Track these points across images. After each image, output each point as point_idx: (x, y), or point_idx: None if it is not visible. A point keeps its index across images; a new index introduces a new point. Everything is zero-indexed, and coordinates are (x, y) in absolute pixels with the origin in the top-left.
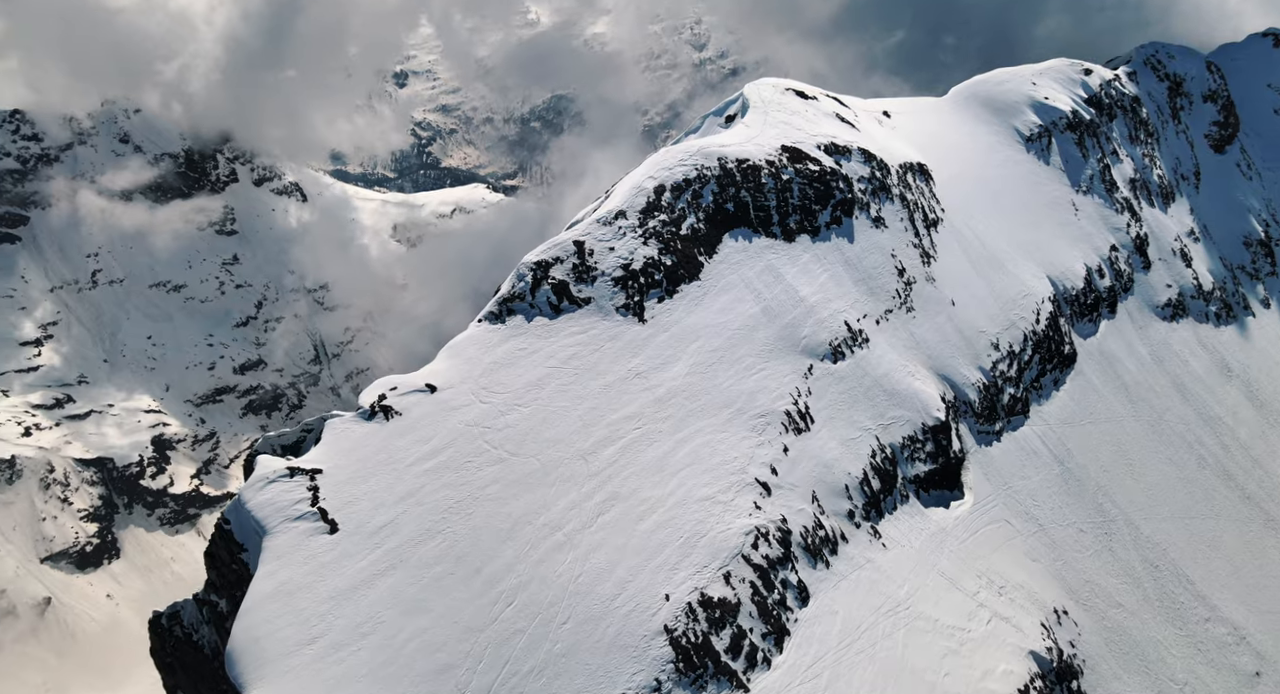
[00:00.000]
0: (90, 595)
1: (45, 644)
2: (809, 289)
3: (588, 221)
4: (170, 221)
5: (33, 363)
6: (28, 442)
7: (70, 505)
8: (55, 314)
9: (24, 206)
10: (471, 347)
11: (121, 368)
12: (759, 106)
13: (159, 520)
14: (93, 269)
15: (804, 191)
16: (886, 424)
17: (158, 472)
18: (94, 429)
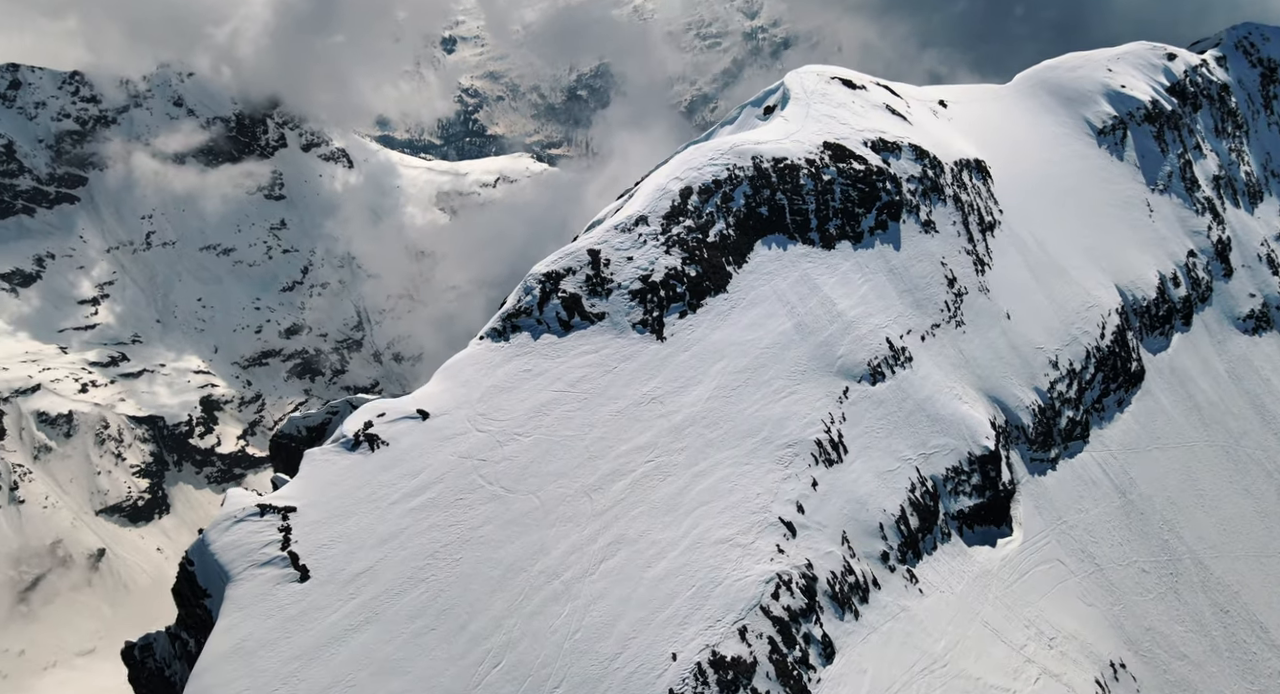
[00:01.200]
0: (141, 548)
1: (99, 593)
2: (848, 302)
3: (605, 227)
4: (220, 185)
5: (90, 321)
6: (84, 398)
7: (123, 461)
8: (111, 274)
9: (83, 168)
10: (470, 367)
11: (173, 328)
12: (800, 98)
13: (206, 479)
14: (147, 231)
15: (847, 193)
16: (928, 454)
17: (206, 431)
18: (146, 388)
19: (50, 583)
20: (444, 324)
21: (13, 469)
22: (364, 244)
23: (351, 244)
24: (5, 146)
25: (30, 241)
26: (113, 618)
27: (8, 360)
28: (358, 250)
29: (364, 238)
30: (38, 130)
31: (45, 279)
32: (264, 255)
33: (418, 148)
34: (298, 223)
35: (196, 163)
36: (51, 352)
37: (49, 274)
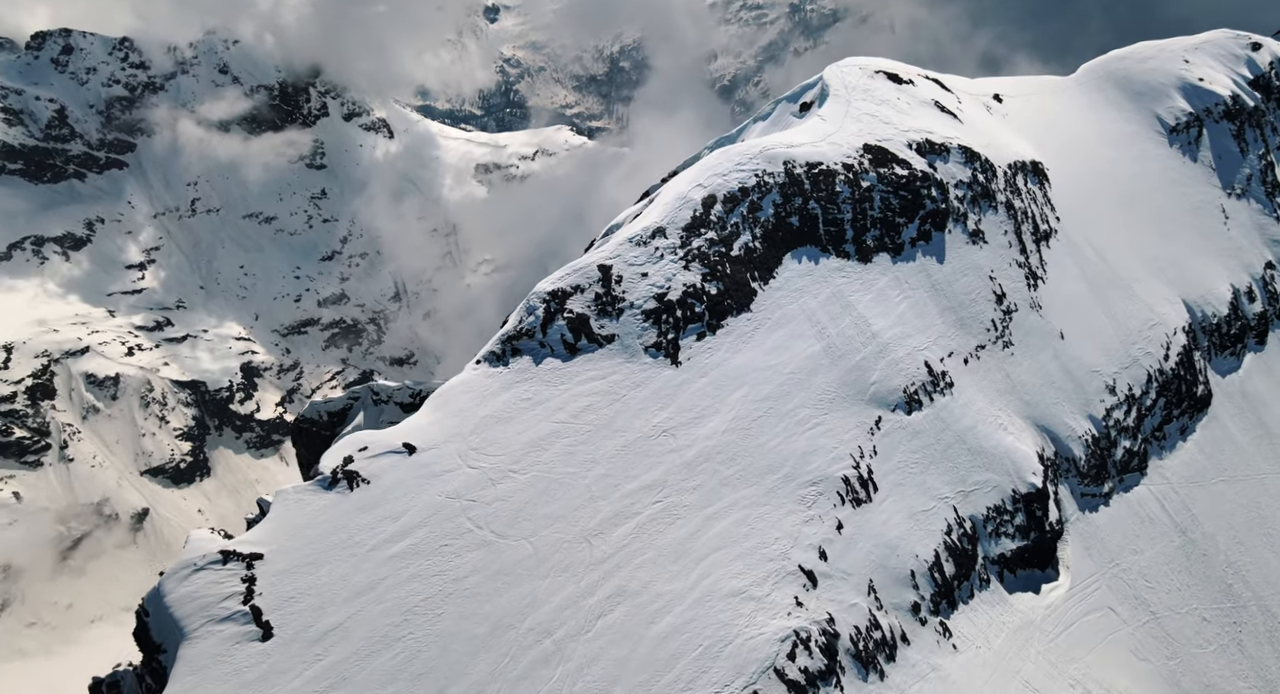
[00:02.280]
0: (183, 509)
1: (142, 552)
2: (884, 321)
3: (618, 240)
4: (263, 153)
5: (137, 286)
6: (130, 361)
7: (167, 424)
8: (157, 240)
9: (131, 134)
10: (464, 395)
11: (215, 295)
12: (840, 94)
13: (246, 444)
14: (192, 197)
15: (887, 201)
16: (968, 491)
17: (245, 397)
18: (189, 353)
19: (96, 540)
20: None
21: (63, 428)
22: (402, 215)
23: (389, 215)
24: (58, 112)
25: (81, 206)
26: (154, 576)
27: (58, 322)
28: (395, 221)
29: (402, 209)
30: (88, 96)
31: (95, 243)
32: (304, 224)
33: (458, 118)
34: (338, 193)
35: (240, 130)
36: (100, 315)
37: (98, 238)
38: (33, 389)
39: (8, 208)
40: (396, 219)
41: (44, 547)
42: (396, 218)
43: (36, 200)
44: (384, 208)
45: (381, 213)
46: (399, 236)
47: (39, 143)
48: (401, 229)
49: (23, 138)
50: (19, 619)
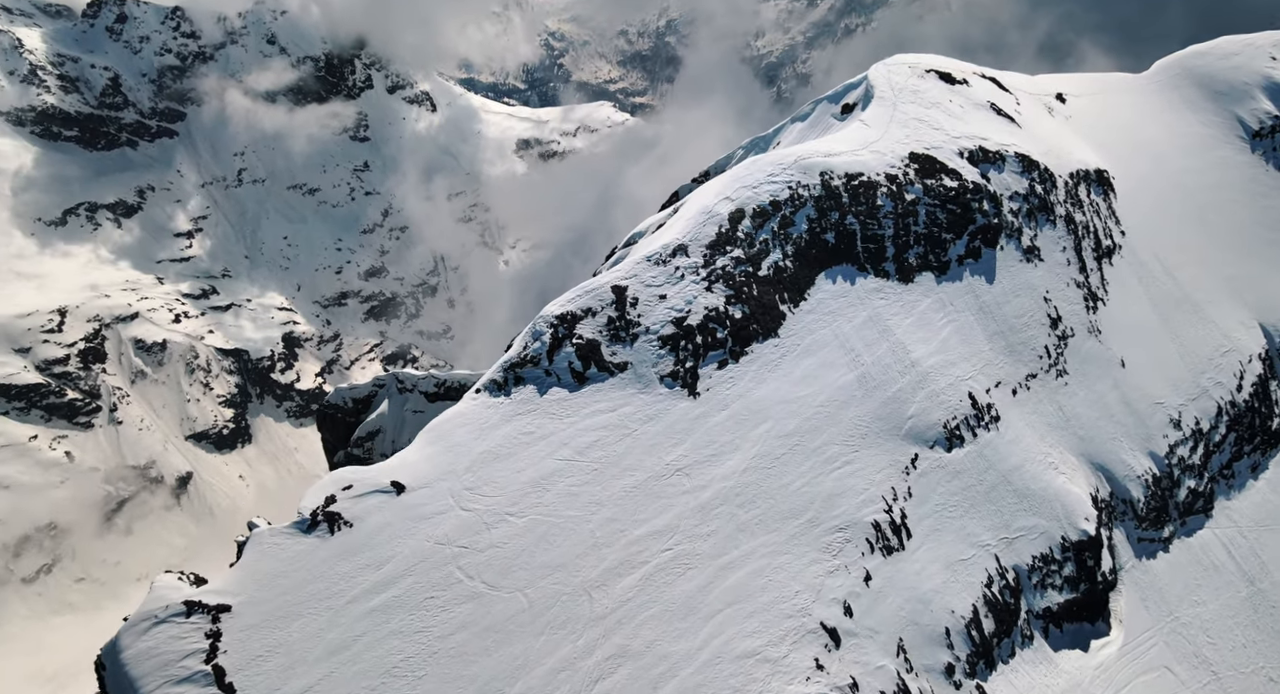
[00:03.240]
0: (225, 475)
1: (186, 514)
2: (925, 348)
3: (635, 258)
4: (307, 125)
5: (184, 254)
6: (177, 328)
7: (211, 390)
8: (205, 208)
9: (182, 103)
10: (461, 428)
11: (259, 265)
12: (886, 96)
13: (286, 413)
14: (238, 168)
15: (933, 216)
16: (1012, 538)
17: (286, 367)
18: (233, 321)
19: (143, 501)
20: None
21: (112, 391)
22: (441, 190)
23: (429, 190)
24: (112, 80)
25: (133, 174)
26: (198, 537)
27: (110, 288)
28: (434, 196)
29: (441, 184)
30: (141, 64)
31: (145, 211)
32: (347, 196)
33: (501, 92)
34: (380, 165)
35: (286, 101)
36: (149, 281)
37: (149, 206)
38: (85, 352)
39: (63, 174)
40: (435, 194)
41: (92, 506)
42: (435, 192)
43: (91, 167)
44: (424, 182)
45: (421, 187)
46: (437, 211)
47: (94, 110)
48: (440, 204)
49: (78, 105)
50: (69, 574)
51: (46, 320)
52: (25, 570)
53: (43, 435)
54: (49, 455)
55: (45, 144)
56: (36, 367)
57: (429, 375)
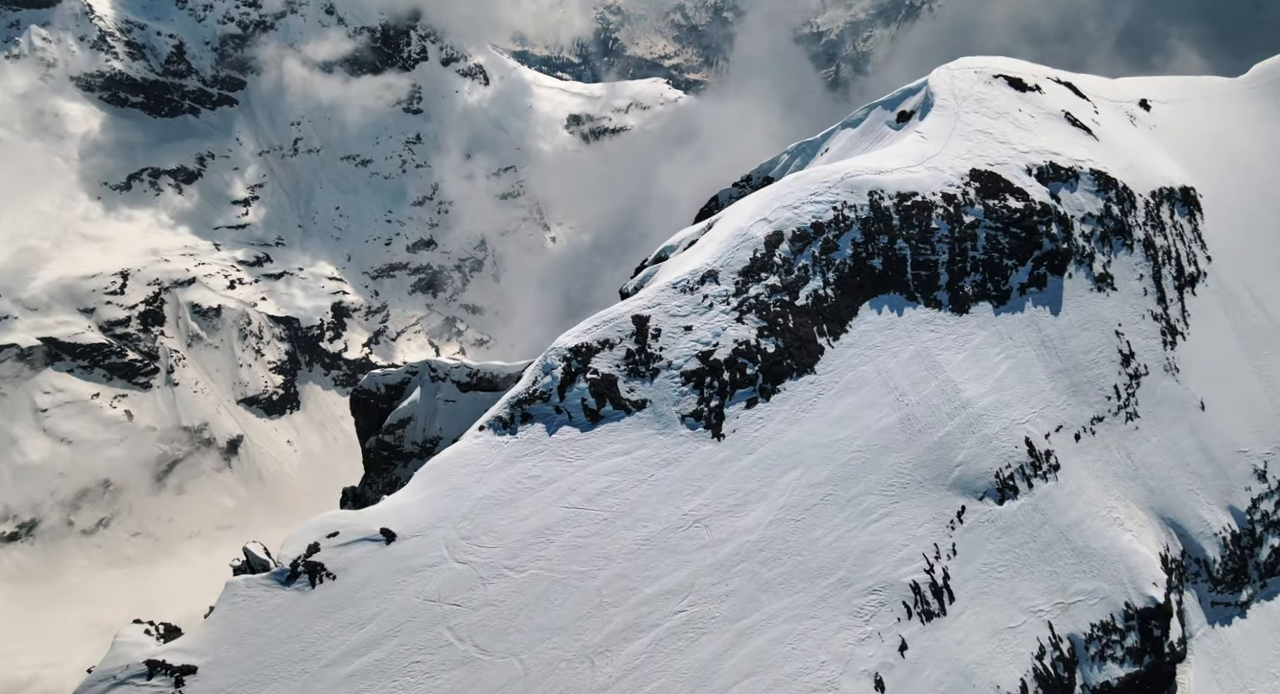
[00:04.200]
0: (274, 440)
1: (236, 476)
2: (978, 387)
3: (658, 286)
4: (362, 96)
5: (240, 221)
6: (232, 294)
7: (262, 356)
8: (261, 177)
9: (242, 71)
10: (461, 469)
11: (312, 234)
12: (947, 105)
13: (333, 381)
14: (294, 137)
15: (994, 240)
16: (1068, 603)
17: (335, 336)
18: (285, 289)
19: (195, 461)
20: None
21: (170, 354)
22: (493, 165)
23: (481, 164)
24: (177, 47)
25: (194, 141)
26: (246, 499)
27: (169, 252)
28: (486, 170)
29: (493, 159)
30: (205, 33)
31: (205, 177)
32: (398, 168)
33: (555, 66)
34: (432, 138)
35: (342, 72)
36: (206, 247)
37: (208, 173)
38: (145, 315)
39: (129, 140)
40: (484, 169)
41: (147, 465)
42: (484, 167)
43: (154, 133)
44: (473, 157)
45: (470, 162)
46: (485, 186)
47: (158, 77)
48: (488, 179)
49: (144, 71)
50: (126, 528)
51: (110, 282)
52: (85, 523)
53: (104, 394)
54: (109, 413)
55: (112, 109)
56: (100, 327)
57: (462, 365)
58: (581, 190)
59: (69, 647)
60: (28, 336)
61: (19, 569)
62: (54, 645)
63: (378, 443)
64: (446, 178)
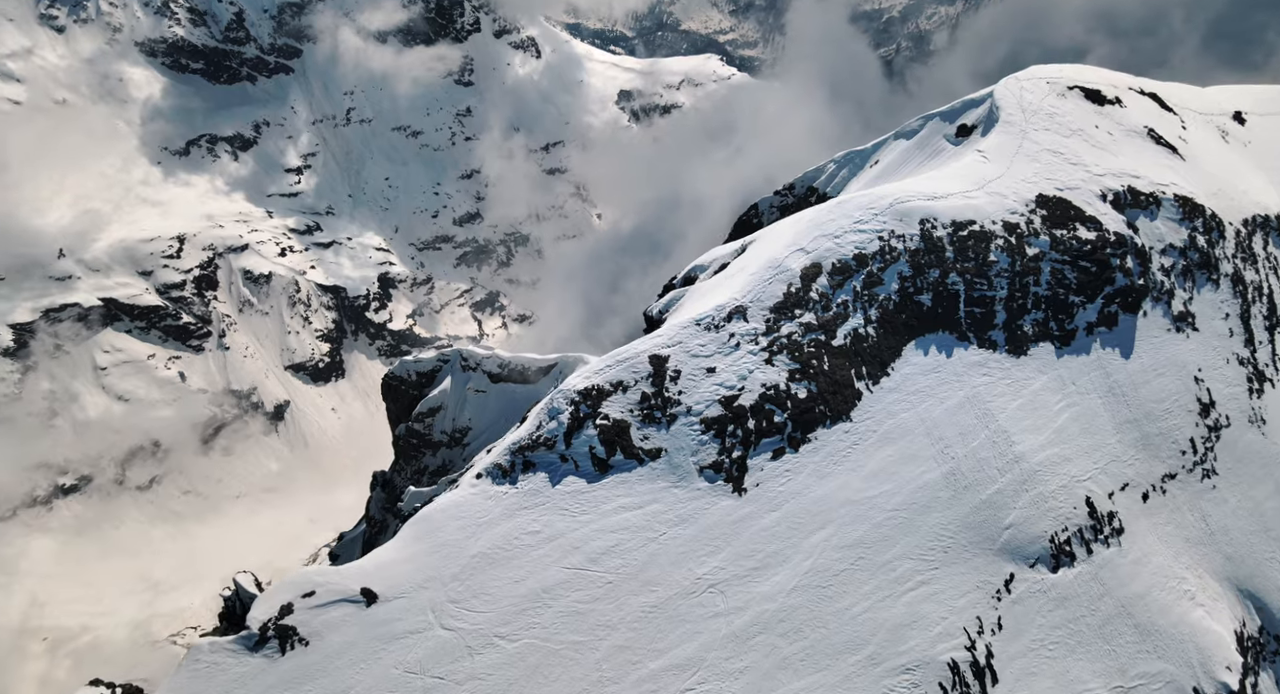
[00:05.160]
0: (319, 406)
1: (282, 440)
2: (1034, 439)
3: (680, 322)
4: (413, 67)
5: (293, 189)
6: (282, 261)
7: (310, 324)
8: (314, 146)
9: (298, 40)
10: (454, 521)
11: (361, 204)
12: (1014, 120)
13: (377, 351)
14: (347, 107)
15: (1060, 275)
16: (1129, 688)
17: (380, 306)
18: (333, 258)
19: (242, 425)
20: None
21: (222, 318)
22: (542, 139)
23: (530, 138)
24: (237, 14)
25: (250, 108)
26: (292, 463)
27: (224, 218)
28: (535, 145)
29: (543, 134)
30: (263, 0)
31: (260, 145)
32: (448, 141)
33: (607, 39)
34: (481, 111)
35: (395, 42)
36: (259, 214)
37: (263, 140)
38: (199, 279)
39: (188, 106)
40: (533, 143)
41: (197, 426)
42: (533, 142)
43: (213, 100)
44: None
45: (519, 136)
46: (533, 161)
47: (218, 44)
48: (536, 154)
49: (205, 38)
50: (177, 486)
51: (167, 246)
52: (138, 480)
53: (159, 355)
54: (163, 374)
55: (173, 75)
56: (157, 289)
57: (493, 355)
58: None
59: (118, 599)
60: (89, 297)
61: (76, 520)
62: (104, 596)
63: (407, 430)
64: (494, 151)
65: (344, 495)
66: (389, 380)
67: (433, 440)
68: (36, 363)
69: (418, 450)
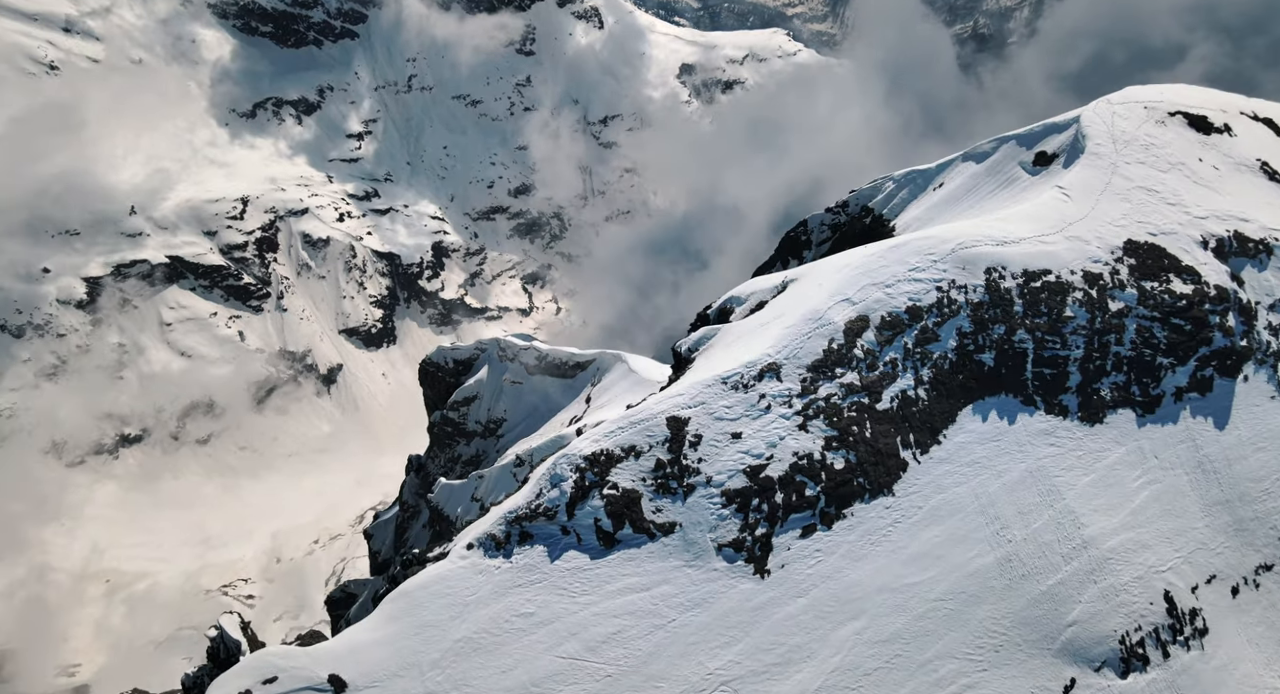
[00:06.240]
0: (370, 371)
1: (335, 402)
2: (1107, 521)
3: (705, 380)
4: (475, 35)
5: (353, 155)
6: (339, 226)
7: (364, 290)
8: (375, 112)
9: (364, 4)
10: (438, 600)
11: (419, 172)
12: (1102, 150)
13: (428, 319)
14: (409, 74)
15: (1147, 333)
16: None
17: (433, 275)
18: (389, 225)
19: (296, 385)
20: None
21: (281, 280)
22: (600, 112)
23: (589, 110)
24: None
25: (315, 72)
26: (343, 425)
27: (286, 182)
28: (593, 117)
29: (601, 106)
30: None
31: (323, 109)
32: (506, 111)
33: (672, 10)
34: (541, 82)
35: (459, 8)
36: (320, 179)
37: (326, 105)
38: (260, 241)
39: (256, 68)
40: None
41: (253, 385)
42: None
43: (281, 63)
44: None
45: (577, 109)
46: (595, 132)
47: (287, 7)
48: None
49: (274, 1)
50: (234, 441)
51: (231, 207)
52: (198, 433)
53: (220, 313)
54: (224, 332)
55: (243, 38)
56: (220, 249)
57: (531, 347)
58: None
59: (173, 549)
60: (157, 254)
61: (140, 469)
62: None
63: (442, 418)
64: (550, 123)
65: (391, 461)
66: (426, 366)
67: (467, 430)
68: (106, 316)
69: (452, 439)
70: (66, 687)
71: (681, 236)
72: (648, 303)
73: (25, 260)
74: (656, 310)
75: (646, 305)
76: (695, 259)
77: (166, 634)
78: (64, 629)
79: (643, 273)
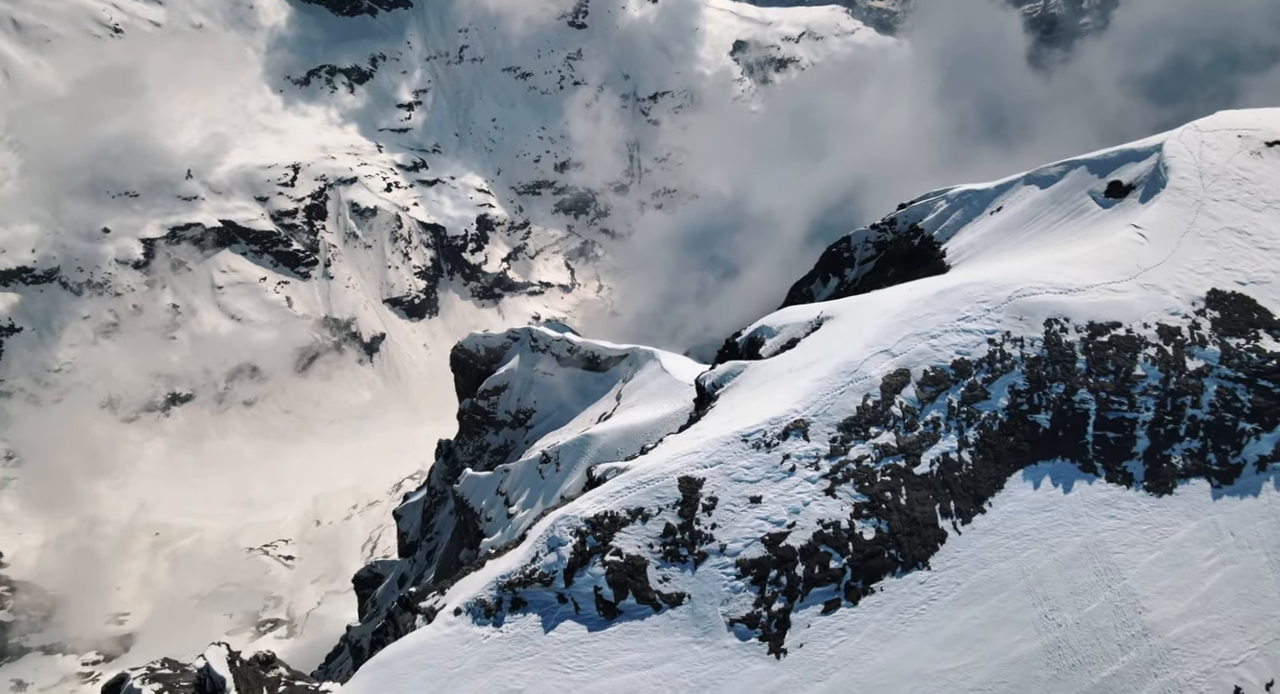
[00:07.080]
0: (412, 341)
1: (377, 371)
2: (1172, 605)
3: (724, 435)
4: (528, 7)
5: (403, 125)
6: (387, 196)
7: (409, 260)
8: (426, 82)
9: None
10: (420, 671)
11: (467, 144)
12: (1186, 184)
13: (471, 292)
14: (461, 44)
15: (1229, 395)
16: None
17: (477, 248)
18: (435, 197)
19: (342, 352)
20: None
21: (328, 248)
22: (651, 88)
23: (639, 86)
24: None
25: (369, 41)
26: (384, 394)
27: (336, 150)
28: (644, 94)
29: (652, 83)
30: None
31: (375, 78)
32: (556, 84)
33: None
34: (592, 56)
35: None
36: (369, 148)
37: (378, 74)
38: (310, 208)
39: (311, 36)
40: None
41: (297, 350)
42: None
43: (335, 31)
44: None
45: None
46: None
47: None
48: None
49: None
50: (279, 404)
51: (283, 174)
52: (245, 395)
53: (270, 278)
54: (272, 297)
55: (299, 4)
56: (271, 215)
57: (563, 338)
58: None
59: (217, 506)
60: (211, 217)
61: (188, 427)
62: (207, 501)
63: (471, 406)
64: (601, 99)
65: (429, 431)
66: (457, 353)
67: (496, 419)
68: (161, 277)
69: (481, 427)
70: (116, 634)
71: (725, 226)
72: (684, 294)
73: (87, 220)
74: (698, 298)
75: (683, 297)
76: (737, 251)
77: (209, 590)
78: (112, 580)
79: (679, 262)
